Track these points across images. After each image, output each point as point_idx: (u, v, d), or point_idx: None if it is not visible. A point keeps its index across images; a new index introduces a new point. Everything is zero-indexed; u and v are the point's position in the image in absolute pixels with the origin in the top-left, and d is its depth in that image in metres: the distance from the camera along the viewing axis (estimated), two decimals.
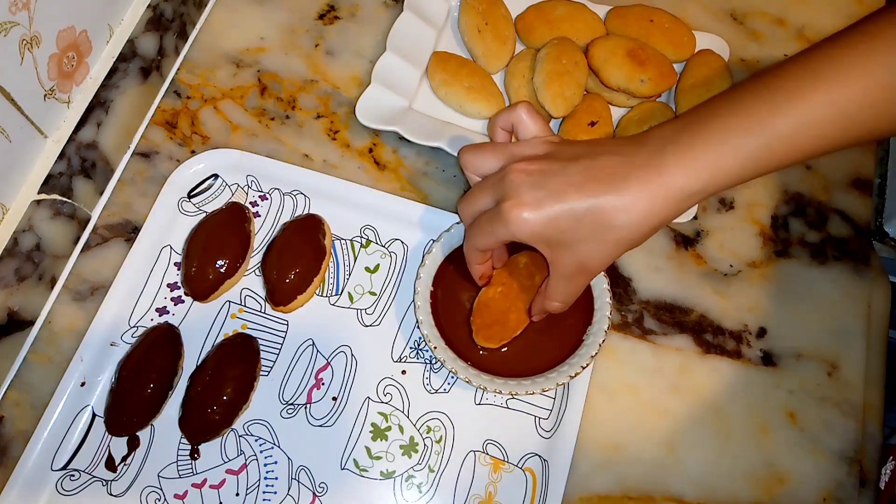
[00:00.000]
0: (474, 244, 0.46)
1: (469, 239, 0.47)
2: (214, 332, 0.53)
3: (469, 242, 0.47)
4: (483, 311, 0.50)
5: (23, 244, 0.51)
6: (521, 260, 0.52)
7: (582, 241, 0.42)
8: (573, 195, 0.41)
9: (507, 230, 0.42)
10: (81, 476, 0.48)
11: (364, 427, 0.51)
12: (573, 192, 0.41)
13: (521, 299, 0.50)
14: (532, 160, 0.44)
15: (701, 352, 0.55)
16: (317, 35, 0.64)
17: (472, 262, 0.49)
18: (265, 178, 0.57)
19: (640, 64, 0.58)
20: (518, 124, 0.47)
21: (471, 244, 0.47)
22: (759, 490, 0.51)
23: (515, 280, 0.51)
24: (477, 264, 0.49)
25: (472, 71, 0.60)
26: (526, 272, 0.51)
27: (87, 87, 0.58)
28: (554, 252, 0.44)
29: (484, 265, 0.50)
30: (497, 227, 0.43)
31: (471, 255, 0.48)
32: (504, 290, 0.51)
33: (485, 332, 0.50)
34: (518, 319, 0.50)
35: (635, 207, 0.40)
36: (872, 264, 0.58)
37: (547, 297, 0.47)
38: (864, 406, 0.54)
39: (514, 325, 0.50)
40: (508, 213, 0.42)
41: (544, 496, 0.49)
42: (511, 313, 0.50)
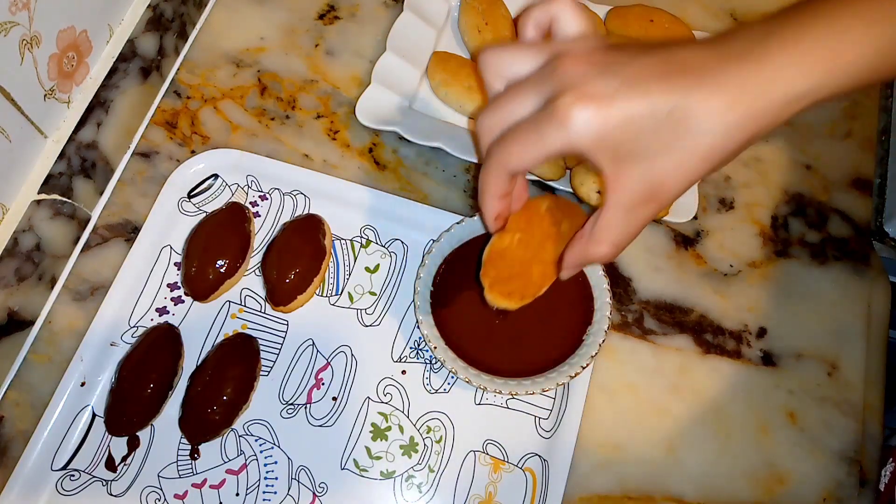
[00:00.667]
0: (505, 165, 0.35)
1: (496, 160, 0.36)
2: (214, 332, 0.53)
3: (496, 165, 0.36)
4: (498, 263, 0.40)
5: (23, 244, 0.51)
6: (541, 204, 0.42)
7: (661, 151, 0.33)
8: (655, 88, 0.32)
9: (563, 133, 0.32)
10: (81, 476, 0.48)
11: (364, 427, 0.51)
12: (655, 82, 0.32)
13: (546, 249, 0.40)
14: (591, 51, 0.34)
15: (701, 352, 0.55)
16: (317, 35, 0.64)
17: (489, 195, 0.38)
18: (265, 178, 0.57)
19: None
20: (560, 19, 0.36)
21: (499, 167, 0.36)
22: (759, 490, 0.51)
23: (537, 226, 0.41)
24: (495, 198, 0.38)
25: (472, 71, 0.60)
26: (550, 218, 0.41)
27: (87, 87, 0.58)
28: (620, 167, 0.33)
29: (504, 201, 0.39)
30: (548, 131, 0.33)
31: (494, 184, 0.37)
32: (523, 238, 0.41)
33: (501, 286, 0.40)
34: (543, 274, 0.40)
35: (731, 110, 0.32)
36: (872, 264, 0.58)
37: (594, 237, 0.36)
38: (864, 406, 0.54)
39: (538, 280, 0.40)
40: (567, 109, 0.32)
41: (544, 496, 0.49)
42: (534, 265, 0.40)
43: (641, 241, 0.57)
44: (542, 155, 0.34)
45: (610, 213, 0.35)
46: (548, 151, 0.34)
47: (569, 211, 0.42)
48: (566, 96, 0.32)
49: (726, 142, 0.32)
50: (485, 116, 0.37)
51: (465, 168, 0.59)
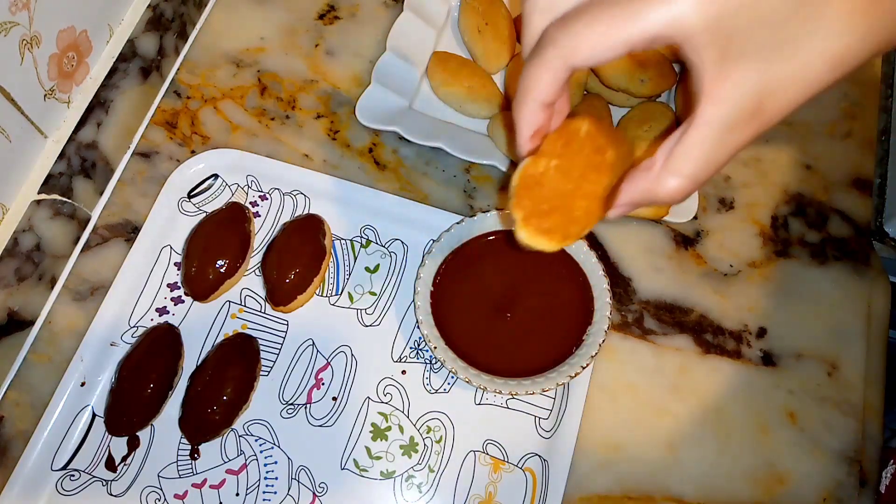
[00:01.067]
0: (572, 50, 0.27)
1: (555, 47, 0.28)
2: (214, 332, 0.53)
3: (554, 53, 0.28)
4: (533, 191, 0.33)
5: (23, 244, 0.51)
6: (580, 125, 0.33)
7: (784, 49, 0.26)
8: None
9: (667, 10, 0.25)
10: (81, 476, 0.48)
11: (364, 427, 0.51)
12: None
13: (590, 181, 0.33)
14: None
15: (701, 352, 0.55)
16: (317, 35, 0.64)
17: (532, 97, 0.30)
18: (265, 178, 0.57)
19: (640, 64, 0.58)
20: None
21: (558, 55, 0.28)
22: (759, 490, 0.51)
23: (577, 153, 0.33)
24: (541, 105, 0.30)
25: (472, 71, 0.60)
26: (591, 144, 0.33)
27: (87, 87, 0.58)
28: (728, 66, 0.26)
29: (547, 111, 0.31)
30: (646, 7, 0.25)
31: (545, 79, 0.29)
32: (562, 165, 0.33)
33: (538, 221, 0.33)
34: (588, 210, 0.33)
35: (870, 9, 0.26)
36: (872, 264, 0.58)
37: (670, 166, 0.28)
38: (864, 406, 0.54)
39: (582, 218, 0.33)
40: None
41: (544, 496, 0.49)
42: (577, 199, 0.33)
43: (641, 241, 0.57)
44: (632, 38, 0.26)
45: (703, 131, 0.27)
46: (642, 32, 0.26)
47: (613, 137, 0.34)
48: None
49: (860, 47, 0.26)
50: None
51: (465, 168, 0.59)
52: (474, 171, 0.59)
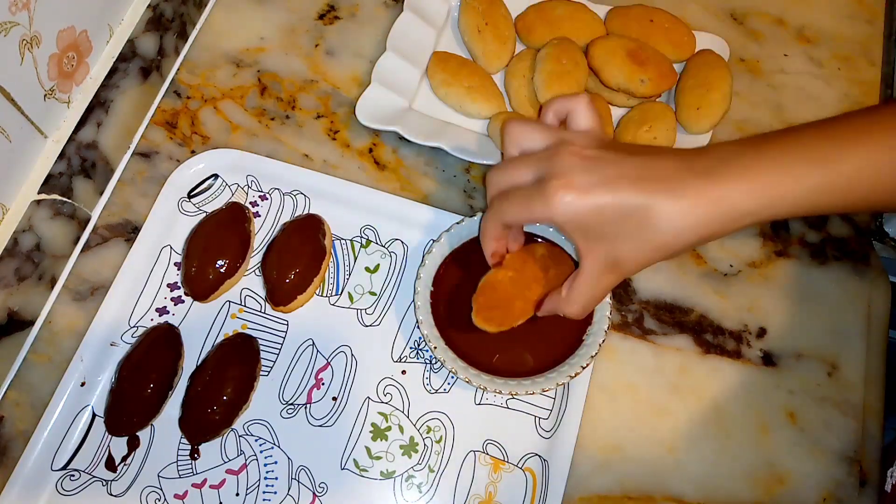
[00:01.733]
0: (500, 217, 0.44)
1: (495, 211, 0.44)
2: (214, 332, 0.53)
3: (494, 215, 0.44)
4: (488, 292, 0.48)
5: (23, 244, 0.51)
6: (538, 250, 0.49)
7: (622, 237, 0.40)
8: (626, 188, 0.39)
9: (546, 209, 0.40)
10: (81, 476, 0.48)
11: (364, 427, 0.51)
12: (626, 185, 0.39)
13: (531, 290, 0.48)
14: (586, 147, 0.41)
15: (701, 352, 0.55)
16: (317, 35, 0.64)
17: (488, 237, 0.47)
18: (265, 178, 0.57)
19: (640, 64, 0.58)
20: (575, 113, 0.44)
21: (496, 217, 0.44)
22: (759, 490, 0.51)
23: (529, 269, 0.48)
24: (493, 240, 0.47)
25: (472, 71, 0.60)
26: (541, 263, 0.49)
27: (87, 87, 0.58)
28: (588, 244, 0.41)
29: (499, 243, 0.47)
30: (535, 203, 0.40)
31: (490, 228, 0.46)
32: (514, 277, 0.48)
33: (485, 313, 0.48)
34: (523, 310, 0.48)
35: (686, 215, 0.38)
36: (872, 264, 0.58)
37: (567, 298, 0.44)
38: (864, 406, 0.54)
39: (517, 314, 0.48)
40: (554, 192, 0.39)
41: (544, 496, 0.49)
42: (517, 301, 0.48)
43: None
44: (528, 219, 0.42)
45: (579, 280, 0.43)
46: (532, 218, 0.41)
47: (559, 260, 0.49)
48: (555, 180, 0.40)
49: (678, 239, 0.39)
50: (494, 173, 0.44)
51: (465, 168, 0.59)
52: (474, 171, 0.59)
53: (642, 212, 0.39)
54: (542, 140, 0.43)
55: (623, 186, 0.39)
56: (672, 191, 0.39)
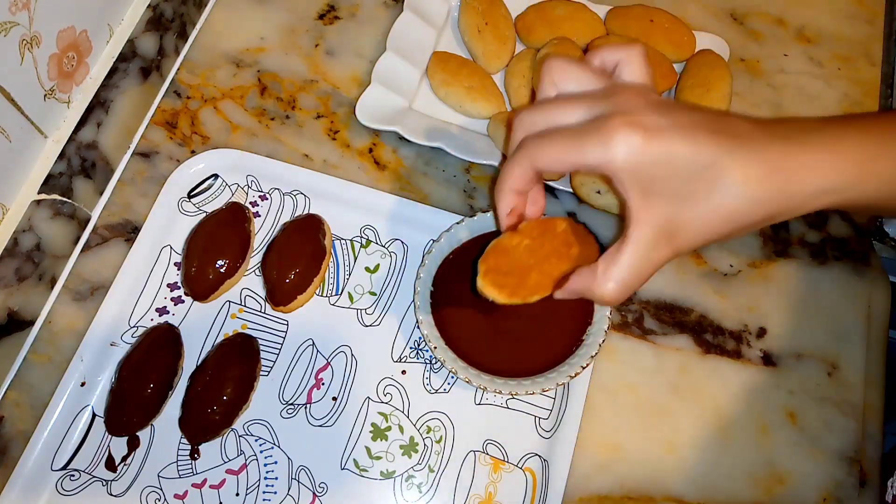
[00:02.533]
0: (533, 160, 0.36)
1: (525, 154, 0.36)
2: (214, 332, 0.53)
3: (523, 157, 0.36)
4: (499, 255, 0.40)
5: (23, 244, 0.51)
6: (559, 223, 0.42)
7: (689, 198, 0.33)
8: (703, 139, 0.33)
9: (604, 151, 0.33)
10: (81, 476, 0.48)
11: (364, 427, 0.51)
12: (704, 135, 0.33)
13: (551, 264, 0.40)
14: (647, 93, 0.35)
15: (701, 352, 0.55)
16: (317, 35, 0.64)
17: (507, 188, 0.38)
18: (265, 178, 0.57)
19: None
20: (627, 65, 0.37)
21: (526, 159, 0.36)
22: (759, 490, 0.51)
23: (548, 242, 0.41)
24: (513, 191, 0.38)
25: (472, 71, 0.60)
26: (563, 238, 0.41)
27: (87, 87, 0.58)
28: (647, 201, 0.34)
29: (519, 196, 0.39)
30: (590, 142, 0.33)
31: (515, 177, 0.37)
32: (531, 246, 0.41)
33: (494, 277, 0.40)
34: (539, 283, 0.40)
35: (765, 182, 0.33)
36: (872, 264, 0.58)
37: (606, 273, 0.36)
38: (864, 406, 0.54)
39: (532, 288, 0.40)
40: (617, 129, 0.32)
41: (544, 496, 0.49)
42: (533, 272, 0.40)
43: None
44: (577, 163, 0.34)
45: (629, 250, 0.35)
46: (584, 162, 0.34)
47: (583, 238, 0.42)
48: (618, 117, 0.33)
49: (751, 210, 0.33)
50: (528, 112, 0.37)
51: (465, 168, 0.59)
52: (474, 171, 0.59)
53: (717, 169, 0.33)
54: (592, 82, 0.36)
55: (700, 136, 0.33)
56: (752, 151, 0.33)
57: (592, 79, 0.37)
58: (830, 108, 0.64)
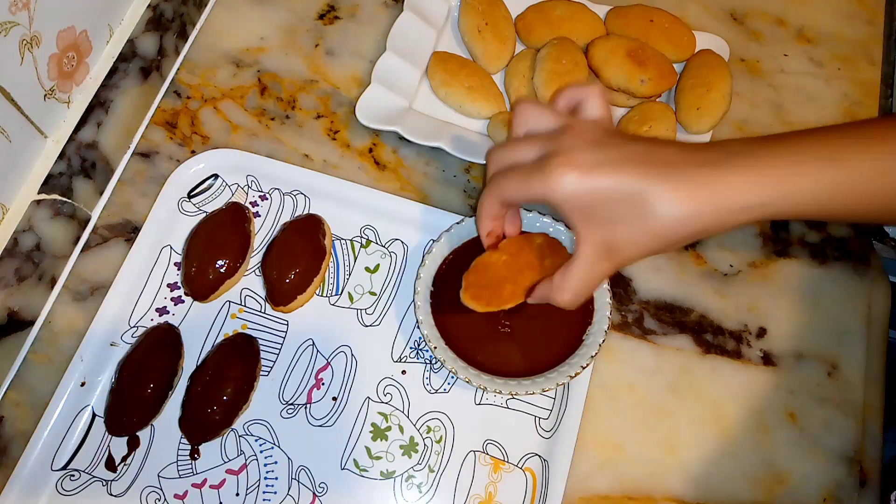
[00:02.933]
0: (499, 194, 0.43)
1: (493, 188, 0.43)
2: (214, 332, 0.53)
3: (492, 192, 0.43)
4: (479, 271, 0.48)
5: (23, 244, 0.51)
6: (536, 239, 0.49)
7: (620, 222, 0.39)
8: (628, 171, 0.38)
9: (545, 187, 0.39)
10: (81, 476, 0.48)
11: (364, 427, 0.51)
12: (629, 167, 0.38)
13: (524, 276, 0.47)
14: (593, 131, 0.41)
15: (701, 352, 0.55)
16: (317, 35, 0.64)
17: (484, 216, 0.46)
18: (265, 178, 0.57)
19: (640, 64, 0.58)
20: (586, 102, 0.43)
21: (494, 194, 0.43)
22: (759, 490, 0.51)
23: (524, 255, 0.48)
24: (489, 219, 0.46)
25: (472, 71, 0.60)
26: (538, 252, 0.48)
27: (87, 87, 0.58)
28: (586, 226, 0.40)
29: (495, 223, 0.46)
30: (535, 180, 0.39)
31: (487, 206, 0.44)
32: (509, 261, 0.48)
33: (474, 291, 0.47)
34: (513, 293, 0.47)
35: (685, 203, 0.37)
36: (872, 264, 0.58)
37: (559, 284, 0.43)
38: (864, 406, 0.54)
39: (506, 297, 0.47)
40: (554, 168, 0.38)
41: (544, 496, 0.49)
42: (508, 284, 0.47)
43: None
44: (526, 197, 0.41)
45: (574, 265, 0.41)
46: (531, 195, 0.40)
47: (556, 251, 0.49)
48: (557, 157, 0.39)
49: (676, 228, 0.38)
50: (497, 151, 0.44)
51: (465, 168, 0.59)
52: (474, 171, 0.59)
53: (642, 196, 0.38)
54: (551, 123, 0.42)
55: (625, 169, 0.38)
56: (674, 177, 0.38)
57: (553, 119, 0.42)
58: (830, 108, 0.64)
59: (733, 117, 0.62)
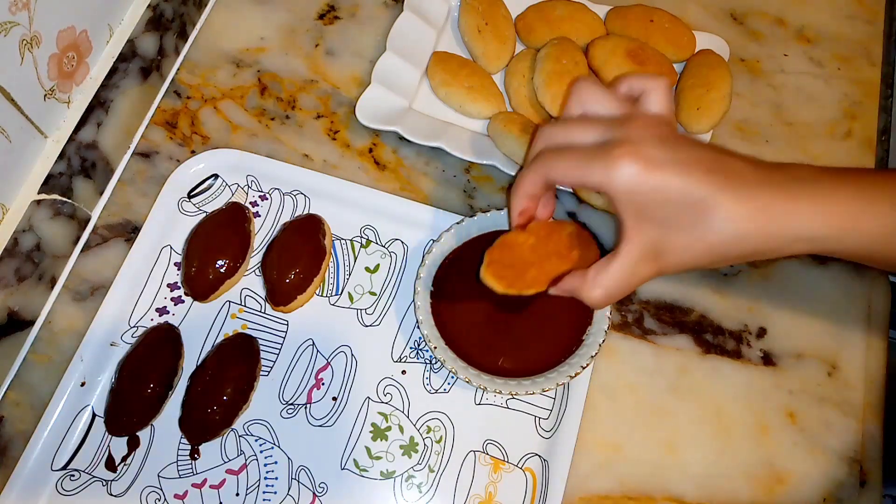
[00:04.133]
0: (546, 172, 0.40)
1: (540, 165, 0.40)
2: (214, 332, 0.53)
3: (538, 168, 0.40)
4: (504, 250, 0.45)
5: (23, 244, 0.51)
6: (567, 227, 0.46)
7: (677, 227, 0.37)
8: (696, 175, 0.36)
9: (606, 174, 0.37)
10: (81, 476, 0.48)
11: (364, 427, 0.51)
12: (698, 172, 0.36)
13: (551, 263, 0.44)
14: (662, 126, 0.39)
15: (701, 352, 0.55)
16: (317, 35, 0.64)
17: (521, 192, 0.43)
18: (265, 178, 0.57)
19: (640, 64, 0.58)
20: (651, 94, 0.41)
21: (540, 171, 0.40)
22: (759, 490, 0.51)
23: (552, 242, 0.45)
24: (525, 196, 0.43)
25: (472, 71, 0.60)
26: (567, 241, 0.45)
27: (87, 87, 0.58)
28: (638, 224, 0.38)
29: (531, 201, 0.44)
30: (596, 165, 0.37)
31: (528, 183, 0.42)
32: (535, 245, 0.45)
33: (497, 268, 0.44)
34: (535, 279, 0.44)
35: (747, 221, 0.36)
36: None
37: (594, 281, 0.40)
38: (864, 406, 0.54)
39: (528, 282, 0.44)
40: (620, 157, 0.36)
41: (544, 496, 0.49)
42: (532, 269, 0.44)
43: None
44: (582, 181, 0.38)
45: (617, 263, 0.39)
46: (587, 181, 0.38)
47: (586, 243, 0.46)
48: (623, 146, 0.37)
49: (733, 243, 0.37)
50: (550, 127, 0.41)
51: (465, 168, 0.59)
52: (474, 171, 0.59)
53: (706, 203, 0.36)
54: (612, 108, 0.40)
55: (694, 173, 0.36)
56: (742, 192, 0.36)
57: (615, 104, 0.40)
58: (830, 108, 0.64)
59: (733, 117, 0.62)
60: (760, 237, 0.36)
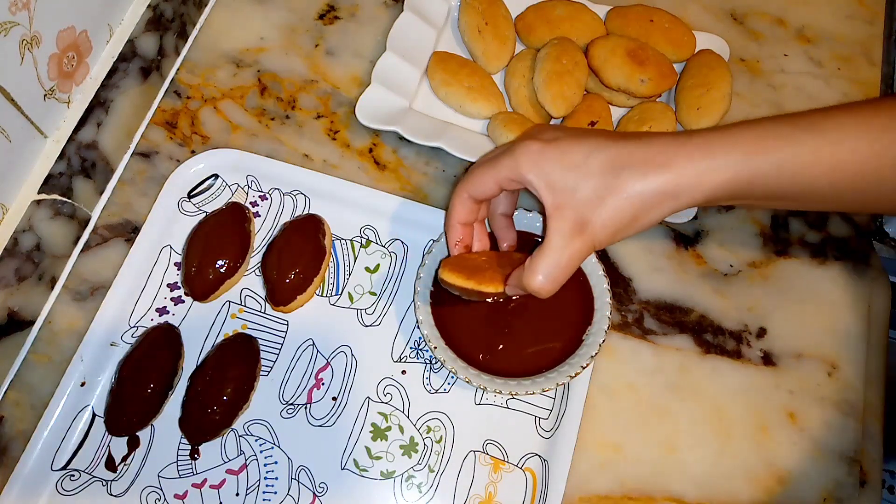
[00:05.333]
0: (466, 188, 0.43)
1: (460, 185, 0.44)
2: (214, 332, 0.53)
3: (459, 189, 0.44)
4: (460, 259, 0.48)
5: (23, 244, 0.51)
6: (516, 256, 0.49)
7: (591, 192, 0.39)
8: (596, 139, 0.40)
9: (513, 161, 0.40)
10: (81, 476, 0.48)
11: (364, 427, 0.51)
12: (596, 137, 0.40)
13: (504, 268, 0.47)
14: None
15: (701, 352, 0.55)
16: (317, 35, 0.64)
17: (453, 222, 0.46)
18: (265, 178, 0.57)
19: (640, 64, 0.58)
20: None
21: (461, 190, 0.44)
22: (759, 490, 0.51)
23: (503, 259, 0.49)
24: (458, 223, 0.46)
25: (472, 71, 0.60)
26: (508, 260, 0.48)
27: (87, 87, 0.58)
28: (556, 201, 0.40)
29: (465, 229, 0.46)
30: (503, 160, 0.41)
31: (457, 208, 0.45)
32: (487, 259, 0.48)
33: (453, 268, 0.46)
34: (492, 278, 0.45)
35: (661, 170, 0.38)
36: (872, 264, 0.58)
37: (531, 267, 0.41)
38: (864, 406, 0.54)
39: (487, 279, 0.46)
40: (522, 142, 0.40)
41: (544, 496, 0.49)
42: (488, 271, 0.46)
43: (641, 242, 0.57)
44: (496, 180, 0.42)
45: (548, 245, 0.40)
46: (500, 177, 0.41)
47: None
48: (523, 138, 0.41)
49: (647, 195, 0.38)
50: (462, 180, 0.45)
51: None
52: None
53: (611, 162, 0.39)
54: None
55: (592, 139, 0.40)
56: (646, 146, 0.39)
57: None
58: None
59: (733, 117, 0.62)
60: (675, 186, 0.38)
